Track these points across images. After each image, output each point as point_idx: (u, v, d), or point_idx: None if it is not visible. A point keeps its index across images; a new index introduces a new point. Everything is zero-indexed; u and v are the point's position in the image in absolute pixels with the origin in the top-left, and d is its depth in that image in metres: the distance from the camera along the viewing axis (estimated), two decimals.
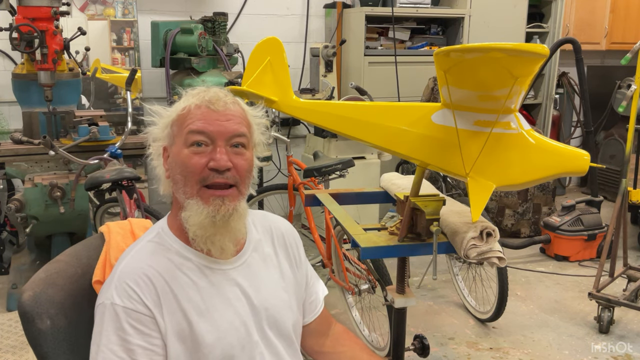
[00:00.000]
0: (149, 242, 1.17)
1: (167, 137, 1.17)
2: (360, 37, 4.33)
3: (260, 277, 1.22)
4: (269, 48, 1.70)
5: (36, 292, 1.11)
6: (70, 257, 1.24)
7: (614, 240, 3.10)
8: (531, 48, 1.30)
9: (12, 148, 2.98)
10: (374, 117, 1.66)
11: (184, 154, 1.13)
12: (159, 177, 1.20)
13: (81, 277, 1.21)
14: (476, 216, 1.55)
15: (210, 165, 1.12)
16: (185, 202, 1.13)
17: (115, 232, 1.31)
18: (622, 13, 5.52)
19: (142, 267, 1.11)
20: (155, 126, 1.19)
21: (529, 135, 1.54)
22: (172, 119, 1.17)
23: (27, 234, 2.95)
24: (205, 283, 1.14)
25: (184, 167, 1.12)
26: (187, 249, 1.16)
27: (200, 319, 1.11)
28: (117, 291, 1.08)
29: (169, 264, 1.14)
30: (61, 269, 1.20)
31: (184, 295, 1.11)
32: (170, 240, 1.17)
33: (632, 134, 3.10)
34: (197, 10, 4.22)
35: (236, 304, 1.16)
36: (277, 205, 4.47)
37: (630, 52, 2.93)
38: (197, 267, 1.15)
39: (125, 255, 1.16)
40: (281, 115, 3.60)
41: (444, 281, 3.51)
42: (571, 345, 2.88)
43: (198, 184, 1.13)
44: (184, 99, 1.18)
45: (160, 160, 1.19)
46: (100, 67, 4.15)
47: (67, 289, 1.17)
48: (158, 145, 1.19)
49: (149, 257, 1.14)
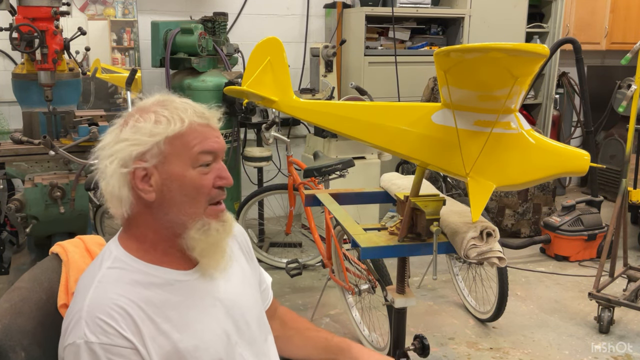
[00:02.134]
0: (109, 270, 1.09)
1: (153, 157, 1.08)
2: (360, 37, 4.33)
3: (226, 279, 1.20)
4: (269, 48, 1.70)
5: (4, 324, 1.04)
6: (31, 282, 1.17)
7: (614, 240, 3.10)
8: (531, 48, 1.30)
9: (12, 148, 2.98)
10: (374, 117, 1.66)
11: (192, 175, 1.09)
12: (115, 196, 1.09)
13: (46, 302, 1.15)
14: (476, 216, 1.55)
15: (220, 183, 1.11)
16: (189, 222, 1.10)
17: (72, 251, 1.25)
18: (622, 13, 5.52)
19: (111, 298, 1.04)
20: (125, 145, 1.07)
21: (529, 135, 1.54)
22: (165, 137, 1.08)
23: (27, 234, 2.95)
24: (178, 297, 1.10)
25: (194, 189, 1.09)
26: (150, 267, 1.11)
27: (183, 335, 1.08)
28: (90, 328, 1.00)
29: (138, 287, 1.07)
30: (25, 296, 1.12)
31: (161, 315, 1.07)
32: (132, 262, 1.10)
33: (632, 134, 3.10)
34: (197, 10, 4.22)
35: (212, 311, 1.14)
36: (277, 205, 4.47)
37: (630, 52, 2.93)
38: (166, 282, 1.10)
39: (85, 288, 1.07)
40: (281, 115, 3.60)
41: (444, 281, 3.51)
42: (571, 345, 2.88)
43: (206, 204, 1.11)
44: (173, 115, 1.09)
45: (123, 181, 1.08)
46: (101, 67, 4.15)
47: (36, 317, 1.10)
48: (131, 168, 1.07)
49: (115, 286, 1.06)
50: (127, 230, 1.14)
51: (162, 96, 1.15)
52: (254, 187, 4.11)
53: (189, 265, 1.15)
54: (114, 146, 1.09)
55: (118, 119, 1.15)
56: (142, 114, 1.10)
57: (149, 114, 1.10)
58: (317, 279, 3.64)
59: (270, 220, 4.45)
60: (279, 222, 4.40)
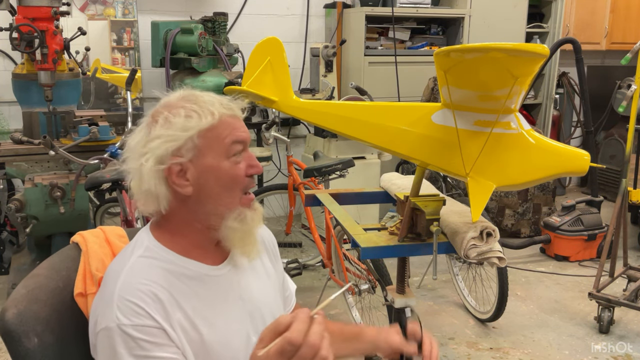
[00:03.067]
0: (140, 258, 1.10)
1: (188, 152, 1.08)
2: (360, 37, 4.33)
3: (249, 277, 1.21)
4: (269, 48, 1.70)
5: (20, 310, 1.06)
6: (49, 270, 1.18)
7: (614, 240, 3.10)
8: (531, 48, 1.30)
9: (12, 148, 2.98)
10: (374, 117, 1.66)
11: (227, 165, 1.11)
12: (157, 196, 1.09)
13: (63, 290, 1.16)
14: (476, 216, 1.55)
15: (251, 172, 1.14)
16: (226, 213, 1.11)
17: (92, 241, 1.26)
18: (622, 13, 5.52)
19: (143, 283, 1.05)
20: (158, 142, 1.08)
21: (529, 135, 1.54)
22: (198, 131, 1.08)
23: (27, 234, 2.95)
24: (205, 292, 1.12)
25: (230, 179, 1.11)
26: (182, 260, 1.12)
27: (209, 329, 1.09)
28: (121, 310, 1.01)
29: (169, 276, 1.09)
30: (42, 284, 1.13)
31: (190, 306, 1.08)
32: (164, 253, 1.12)
33: (632, 134, 3.10)
34: (197, 10, 4.22)
35: (235, 308, 1.15)
36: (277, 205, 4.47)
37: (630, 52, 2.93)
38: (196, 276, 1.12)
39: (116, 274, 1.07)
40: (281, 115, 3.60)
41: (444, 281, 3.51)
42: (571, 345, 2.88)
43: (240, 193, 1.13)
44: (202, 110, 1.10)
45: (160, 178, 1.08)
46: (100, 67, 4.15)
47: (51, 304, 1.11)
48: (167, 164, 1.08)
49: (147, 272, 1.07)
50: (160, 223, 1.15)
51: (185, 92, 1.15)
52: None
53: (219, 260, 1.17)
54: (148, 144, 1.08)
55: (144, 117, 1.15)
56: (170, 110, 1.11)
57: (178, 110, 1.10)
58: (317, 279, 3.64)
59: (270, 220, 4.45)
60: (279, 222, 4.40)
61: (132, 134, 1.14)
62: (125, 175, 1.13)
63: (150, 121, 1.12)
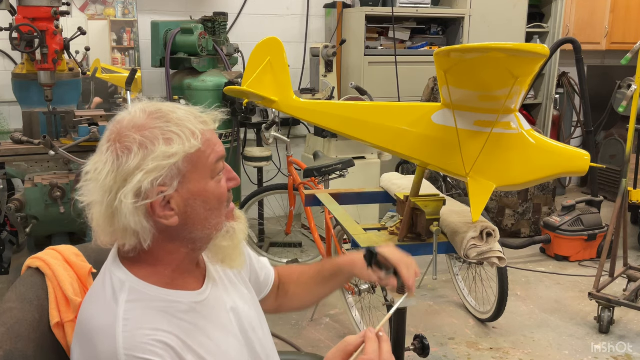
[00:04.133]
0: (129, 303, 0.98)
1: (174, 179, 0.97)
2: (360, 37, 4.33)
3: (227, 287, 1.18)
4: (269, 48, 1.70)
5: (6, 351, 0.96)
6: (20, 302, 1.08)
7: (614, 240, 3.10)
8: (531, 48, 1.30)
9: (12, 148, 2.98)
10: (374, 117, 1.66)
11: (212, 186, 1.02)
12: (137, 232, 0.97)
13: (40, 322, 1.06)
14: (476, 216, 1.55)
15: (232, 185, 1.08)
16: (214, 233, 1.05)
17: (54, 264, 1.15)
18: (622, 13, 5.52)
19: (148, 334, 0.95)
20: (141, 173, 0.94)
21: (529, 135, 1.54)
22: (184, 156, 0.97)
23: (27, 234, 2.95)
24: (202, 321, 1.05)
25: (217, 199, 1.03)
26: (171, 294, 1.03)
27: (217, 358, 1.04)
28: None
29: (168, 317, 1.00)
30: (19, 318, 1.03)
31: (197, 343, 1.01)
32: (150, 290, 1.01)
33: (632, 134, 3.10)
34: (197, 10, 4.22)
35: (229, 327, 1.12)
36: (277, 205, 4.47)
37: (630, 52, 2.93)
38: (189, 308, 1.04)
39: (110, 330, 0.95)
40: (281, 115, 3.60)
41: (444, 281, 3.51)
42: (571, 345, 2.88)
43: (225, 209, 1.06)
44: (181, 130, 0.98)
45: (141, 214, 0.96)
46: (100, 67, 4.15)
47: (34, 339, 1.03)
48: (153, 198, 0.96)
49: (145, 320, 0.97)
50: (137, 258, 1.03)
51: (149, 107, 1.01)
52: (254, 187, 4.11)
53: (200, 280, 1.11)
54: (126, 178, 0.94)
55: (102, 140, 1.00)
56: (141, 132, 0.96)
57: (153, 132, 0.96)
58: None
59: (270, 220, 4.45)
60: (279, 222, 4.40)
61: (92, 162, 0.99)
62: (83, 204, 1.01)
63: (118, 147, 0.96)
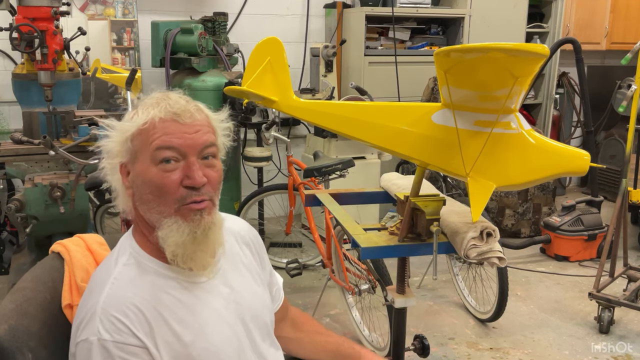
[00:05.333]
0: (125, 267, 1.08)
1: (127, 153, 1.07)
2: (360, 37, 4.33)
3: (235, 279, 1.19)
4: (269, 48, 1.70)
5: (11, 325, 1.02)
6: (34, 282, 1.15)
7: (614, 240, 3.10)
8: (531, 48, 1.30)
9: (12, 148, 2.98)
10: (374, 117, 1.66)
11: (153, 172, 1.05)
12: (117, 192, 1.12)
13: (50, 302, 1.13)
14: (476, 216, 1.55)
15: (186, 183, 1.05)
16: (161, 221, 1.06)
17: (74, 250, 1.23)
18: (622, 13, 5.52)
19: (127, 297, 1.03)
20: (110, 139, 1.09)
21: (529, 135, 1.54)
22: (131, 133, 1.06)
23: (27, 234, 2.95)
24: (191, 299, 1.09)
25: (156, 187, 1.05)
26: (166, 268, 1.09)
27: (195, 337, 1.06)
28: (104, 325, 0.99)
29: (153, 287, 1.06)
30: (29, 297, 1.10)
31: (175, 317, 1.06)
32: (146, 260, 1.09)
33: (632, 134, 3.10)
34: (197, 10, 4.22)
35: (224, 313, 1.13)
36: (277, 205, 4.47)
37: (631, 52, 2.93)
38: (180, 284, 1.09)
39: (102, 283, 1.05)
40: (281, 115, 3.59)
41: (444, 281, 3.51)
42: (571, 346, 2.88)
43: (176, 203, 1.05)
44: (143, 110, 1.07)
45: (117, 176, 1.10)
46: (100, 67, 4.15)
47: (41, 318, 1.09)
48: (114, 161, 1.09)
49: (131, 284, 1.05)
50: (134, 225, 1.14)
51: (164, 92, 1.13)
52: (254, 187, 4.11)
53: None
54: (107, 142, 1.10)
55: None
56: (136, 107, 1.11)
57: (135, 109, 1.10)
58: (317, 279, 3.64)
59: (270, 220, 4.45)
60: (279, 222, 4.40)
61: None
62: None
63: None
